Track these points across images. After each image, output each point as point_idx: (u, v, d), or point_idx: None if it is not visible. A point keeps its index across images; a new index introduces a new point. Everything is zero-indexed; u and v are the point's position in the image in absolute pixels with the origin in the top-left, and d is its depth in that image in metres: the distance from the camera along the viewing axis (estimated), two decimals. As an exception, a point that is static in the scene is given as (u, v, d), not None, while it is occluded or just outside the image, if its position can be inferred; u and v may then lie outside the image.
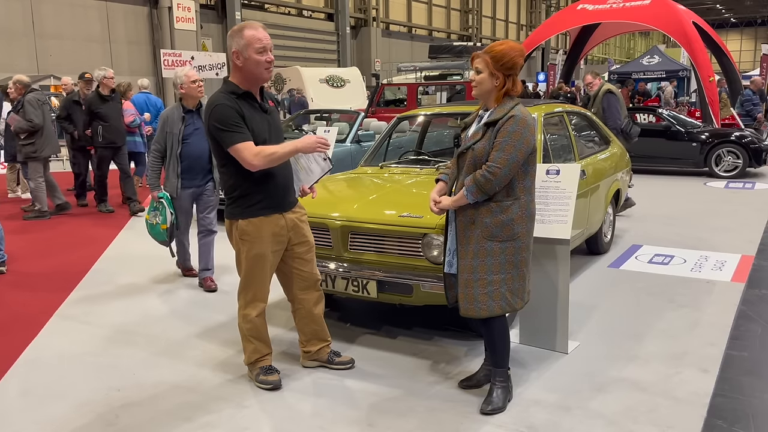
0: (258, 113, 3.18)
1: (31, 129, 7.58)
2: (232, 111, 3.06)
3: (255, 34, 3.07)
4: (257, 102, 3.20)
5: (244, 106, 3.12)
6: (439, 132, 8.38)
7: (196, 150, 4.93)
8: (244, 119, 3.08)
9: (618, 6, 14.25)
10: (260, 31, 3.10)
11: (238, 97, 3.12)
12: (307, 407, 3.18)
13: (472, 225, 2.98)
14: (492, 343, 3.15)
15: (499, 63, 2.92)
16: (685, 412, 3.05)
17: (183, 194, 4.99)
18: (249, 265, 3.24)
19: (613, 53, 55.70)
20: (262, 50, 3.08)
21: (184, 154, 4.93)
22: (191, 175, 4.97)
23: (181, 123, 4.91)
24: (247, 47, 3.07)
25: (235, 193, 3.19)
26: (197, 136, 4.90)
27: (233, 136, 3.04)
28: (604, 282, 5.14)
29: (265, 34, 3.12)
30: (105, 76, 7.98)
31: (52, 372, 3.64)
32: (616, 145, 6.29)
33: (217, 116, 3.06)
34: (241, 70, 3.13)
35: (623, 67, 26.10)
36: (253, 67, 3.11)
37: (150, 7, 21.46)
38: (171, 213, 4.92)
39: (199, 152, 4.94)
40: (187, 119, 4.95)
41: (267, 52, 3.11)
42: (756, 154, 10.51)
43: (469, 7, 39.86)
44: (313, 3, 29.66)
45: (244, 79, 3.15)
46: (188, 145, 4.93)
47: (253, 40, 3.07)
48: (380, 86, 15.40)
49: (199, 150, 4.93)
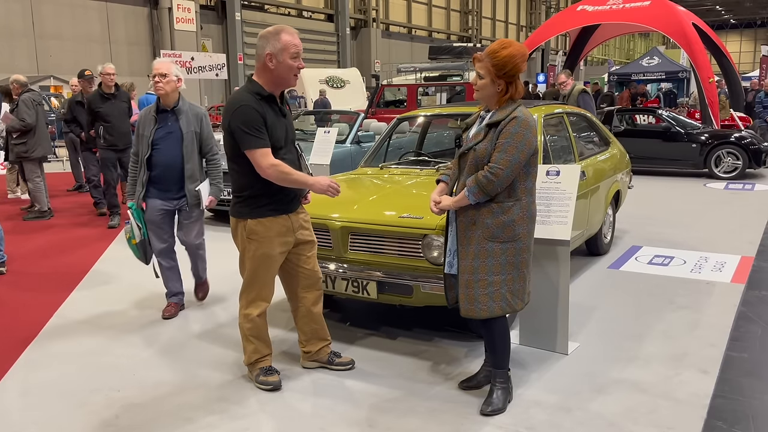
0: (278, 117, 3.19)
1: (23, 128, 7.58)
2: (257, 114, 3.07)
3: (292, 40, 3.10)
4: (278, 106, 3.21)
5: (267, 109, 3.13)
6: (439, 133, 8.39)
7: (166, 157, 4.26)
8: (266, 123, 3.09)
9: (618, 7, 14.27)
10: (296, 38, 3.14)
11: (262, 99, 3.13)
12: (307, 408, 3.18)
13: (473, 226, 2.98)
14: (492, 343, 3.15)
15: (502, 71, 2.90)
16: (685, 413, 3.05)
17: (150, 205, 4.34)
18: (255, 264, 3.24)
19: (613, 54, 55.73)
20: (296, 56, 3.12)
21: (154, 160, 4.27)
22: (162, 186, 4.32)
23: (152, 124, 4.28)
24: (283, 51, 3.08)
25: (246, 192, 3.19)
26: (170, 141, 4.26)
27: (256, 141, 3.06)
28: (604, 283, 5.14)
29: (299, 40, 3.15)
30: (102, 71, 7.40)
31: (52, 372, 3.64)
32: (616, 146, 6.30)
33: (242, 117, 3.06)
34: (271, 73, 3.13)
35: (623, 68, 26.14)
36: (285, 72, 3.13)
37: (150, 7, 21.48)
38: (139, 226, 4.32)
39: (171, 159, 4.27)
40: (160, 121, 4.29)
41: (299, 58, 3.15)
42: (756, 155, 10.52)
43: (469, 8, 39.90)
44: (313, 4, 29.68)
45: (271, 81, 3.15)
46: (158, 151, 4.26)
47: (290, 45, 3.09)
48: (380, 87, 15.40)
49: (170, 157, 4.26)
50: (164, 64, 4.30)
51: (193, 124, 4.32)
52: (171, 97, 4.28)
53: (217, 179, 4.46)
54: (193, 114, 4.36)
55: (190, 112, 4.35)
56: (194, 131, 4.32)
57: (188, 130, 4.29)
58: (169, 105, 4.30)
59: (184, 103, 4.38)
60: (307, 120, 10.59)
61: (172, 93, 4.25)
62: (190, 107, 4.39)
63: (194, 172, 4.34)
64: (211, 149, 4.42)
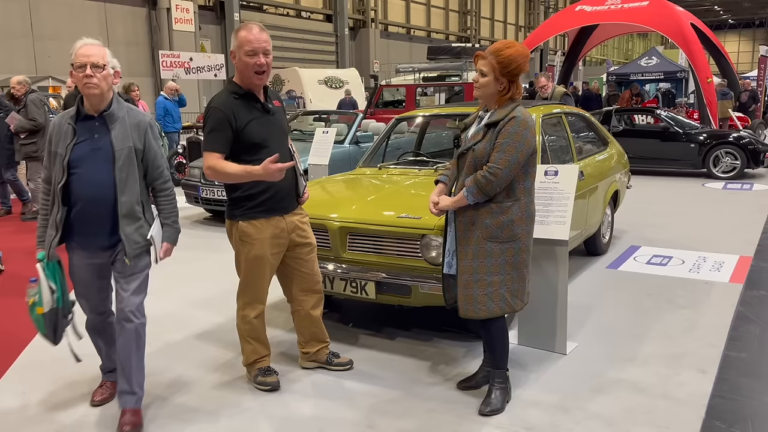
0: (258, 114, 3.16)
1: (33, 128, 7.59)
2: (221, 115, 3.06)
3: (246, 36, 3.03)
4: (259, 102, 3.18)
5: (245, 107, 3.11)
6: (437, 133, 8.38)
7: (91, 186, 2.82)
8: (236, 120, 3.06)
9: (616, 7, 14.29)
10: (253, 33, 3.03)
11: (240, 98, 3.12)
12: (306, 408, 3.18)
13: (472, 226, 2.98)
14: (491, 344, 3.15)
15: (506, 69, 2.91)
16: (683, 413, 3.05)
17: (75, 259, 2.97)
18: (248, 266, 3.23)
19: (612, 54, 55.77)
20: (251, 53, 3.03)
21: (73, 190, 2.83)
22: (86, 229, 2.87)
23: (70, 137, 2.84)
24: (239, 48, 3.06)
25: (237, 193, 3.18)
26: (97, 160, 2.83)
27: (208, 144, 3.08)
28: (602, 283, 5.14)
29: (260, 35, 3.03)
30: None
31: (51, 373, 3.63)
32: (615, 146, 6.30)
33: (208, 119, 3.10)
34: (239, 71, 3.13)
35: (621, 68, 26.16)
36: (243, 69, 3.08)
37: (148, 8, 21.47)
38: (52, 289, 2.92)
39: (97, 190, 2.83)
40: (81, 132, 2.85)
41: (257, 55, 3.03)
42: (754, 155, 10.53)
43: (468, 9, 39.91)
44: (312, 4, 29.68)
45: (243, 79, 3.14)
46: (78, 178, 2.81)
47: (244, 42, 3.03)
48: (379, 87, 15.39)
49: (97, 185, 2.82)
50: (95, 47, 2.84)
51: (132, 137, 2.89)
52: (104, 99, 2.86)
53: (171, 217, 3.05)
54: (132, 123, 2.91)
55: (128, 120, 2.91)
56: (133, 147, 2.88)
57: (123, 145, 2.86)
58: (97, 109, 2.86)
59: (120, 106, 2.91)
60: (305, 120, 10.59)
61: (107, 93, 2.86)
62: (129, 112, 2.95)
63: (133, 207, 2.89)
64: (161, 174, 3.02)
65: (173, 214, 3.06)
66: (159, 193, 3.05)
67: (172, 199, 3.08)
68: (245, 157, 3.09)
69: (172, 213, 3.06)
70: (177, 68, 16.89)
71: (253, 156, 3.08)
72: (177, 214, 3.09)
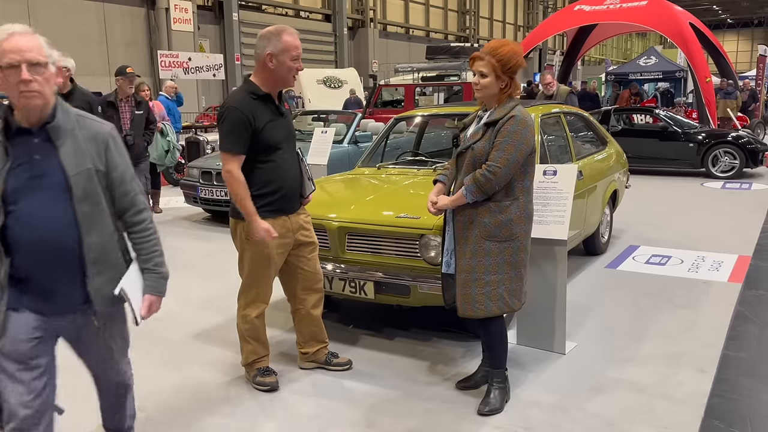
0: (275, 116, 3.18)
1: None
2: (241, 116, 3.06)
3: (293, 42, 3.10)
4: (275, 105, 3.20)
5: (262, 108, 3.12)
6: (436, 133, 8.38)
7: (38, 226, 2.03)
8: (255, 121, 3.07)
9: (615, 7, 14.30)
10: (297, 39, 3.14)
11: (258, 99, 3.12)
12: (305, 408, 3.17)
13: (471, 225, 2.98)
14: (490, 343, 3.15)
15: (506, 66, 2.92)
16: (682, 412, 3.05)
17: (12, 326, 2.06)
18: (253, 265, 3.23)
19: (610, 54, 55.79)
20: (296, 58, 3.12)
21: (12, 235, 2.03)
22: (35, 285, 2.08)
23: (3, 161, 2.03)
24: (284, 52, 3.08)
25: None
26: (42, 190, 2.04)
27: (228, 145, 3.07)
28: (601, 283, 5.14)
29: (300, 43, 3.15)
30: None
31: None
32: (614, 145, 6.30)
33: (226, 119, 3.09)
34: (270, 73, 3.12)
35: (620, 68, 26.15)
36: (285, 73, 3.12)
37: (147, 8, 21.44)
38: None
39: (47, 232, 2.04)
40: (18, 153, 2.04)
41: (299, 60, 3.15)
42: (752, 154, 10.54)
43: (467, 8, 39.89)
44: (311, 4, 29.66)
45: (269, 81, 3.14)
46: (17, 218, 2.02)
47: (292, 47, 3.09)
48: (378, 87, 15.39)
49: (45, 226, 2.03)
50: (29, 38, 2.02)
51: (89, 155, 2.10)
52: (45, 106, 2.03)
53: (152, 258, 2.26)
54: (86, 136, 2.12)
55: (80, 133, 2.11)
56: (93, 170, 2.10)
57: (80, 168, 2.08)
58: (36, 121, 2.04)
59: (67, 115, 2.11)
60: (304, 120, 10.58)
61: (51, 99, 2.05)
62: (81, 121, 2.14)
63: (104, 251, 2.14)
64: (132, 202, 2.21)
65: (155, 254, 2.24)
66: (132, 228, 2.22)
67: (151, 234, 2.24)
68: (260, 158, 3.12)
69: (154, 253, 2.24)
70: (175, 68, 16.86)
71: (266, 157, 3.13)
72: (160, 253, 2.27)
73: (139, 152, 6.71)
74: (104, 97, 6.93)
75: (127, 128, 6.66)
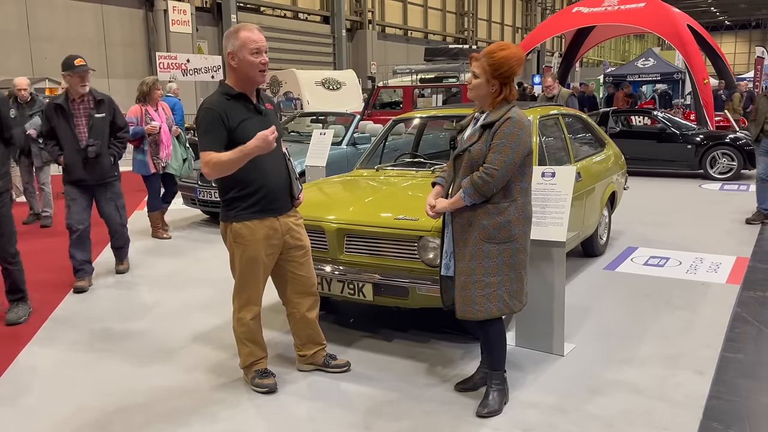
0: (252, 115, 3.17)
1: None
2: (213, 115, 3.07)
3: (250, 36, 3.08)
4: (252, 104, 3.20)
5: (237, 107, 3.12)
6: (435, 134, 8.39)
7: None
8: (229, 119, 3.07)
9: (613, 9, 14.32)
10: (255, 33, 3.11)
11: (232, 99, 3.12)
12: (303, 411, 3.17)
13: (470, 227, 2.98)
14: (488, 345, 3.15)
15: (497, 72, 2.91)
16: (680, 414, 3.05)
17: None
18: (243, 268, 3.23)
19: (608, 56, 55.85)
20: (256, 51, 3.09)
21: None
22: None
23: None
24: (242, 48, 3.07)
25: (229, 195, 3.18)
26: None
27: (204, 143, 3.07)
28: (599, 284, 5.14)
29: (261, 35, 3.12)
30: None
31: (46, 376, 3.62)
32: (612, 147, 6.31)
33: (201, 120, 3.10)
34: (235, 72, 3.13)
35: (618, 69, 26.20)
36: (247, 69, 3.11)
37: (145, 9, 21.42)
38: None
39: None
40: None
41: (261, 54, 3.11)
42: (750, 156, 10.53)
43: (465, 10, 39.91)
44: (309, 6, 29.66)
45: (239, 80, 3.15)
46: None
47: (249, 41, 3.07)
48: (376, 89, 15.40)
49: None
50: None
51: None
52: None
53: None
54: None
55: None
56: None
57: None
58: None
59: None
60: (303, 121, 10.58)
61: None
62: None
63: None
64: None
65: None
66: None
67: None
68: None
69: None
70: (174, 70, 16.86)
71: None
72: None
73: (103, 171, 5.22)
74: (51, 100, 5.39)
75: (85, 137, 5.14)
